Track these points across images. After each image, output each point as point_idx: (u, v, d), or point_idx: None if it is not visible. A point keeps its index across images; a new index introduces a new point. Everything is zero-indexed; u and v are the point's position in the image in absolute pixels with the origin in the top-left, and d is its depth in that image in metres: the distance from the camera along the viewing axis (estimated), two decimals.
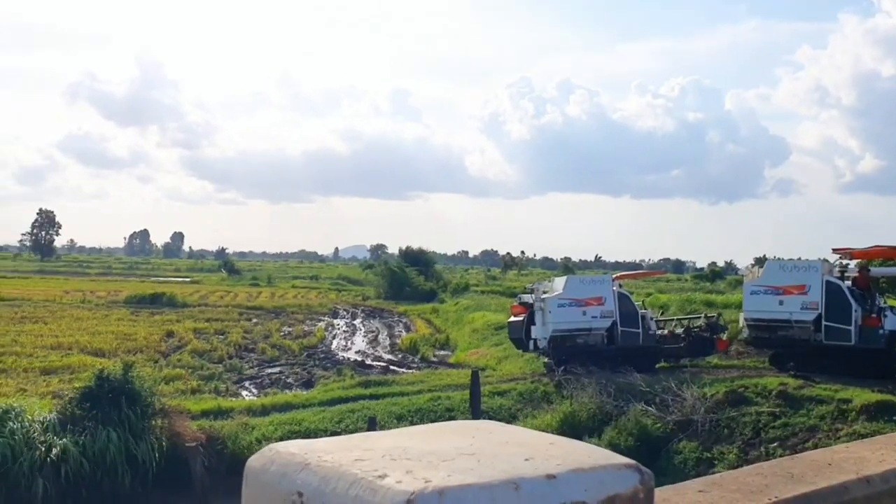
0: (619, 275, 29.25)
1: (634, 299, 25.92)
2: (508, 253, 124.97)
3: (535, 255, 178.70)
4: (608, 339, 23.75)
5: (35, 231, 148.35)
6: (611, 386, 20.40)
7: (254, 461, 1.27)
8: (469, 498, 1.01)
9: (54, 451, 15.90)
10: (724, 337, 25.15)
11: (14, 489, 15.26)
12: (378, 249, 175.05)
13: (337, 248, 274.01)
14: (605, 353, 23.16)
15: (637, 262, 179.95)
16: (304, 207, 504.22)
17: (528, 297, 24.71)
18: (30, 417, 16.51)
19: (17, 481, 15.31)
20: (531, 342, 23.85)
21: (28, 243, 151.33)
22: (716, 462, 17.06)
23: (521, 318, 24.14)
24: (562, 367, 22.40)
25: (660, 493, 1.34)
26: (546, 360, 24.45)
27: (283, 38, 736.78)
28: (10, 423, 15.91)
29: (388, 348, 34.68)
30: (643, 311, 24.94)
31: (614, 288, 24.36)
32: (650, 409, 19.34)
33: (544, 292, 24.02)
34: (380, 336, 38.83)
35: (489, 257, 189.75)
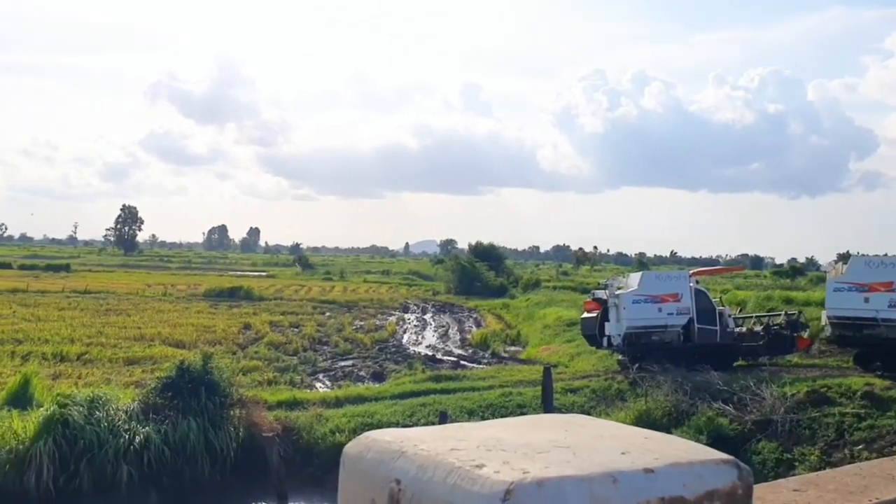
0: (695, 271, 28.60)
1: (711, 296, 25.35)
2: (581, 248, 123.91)
3: (608, 251, 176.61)
4: (684, 337, 23.29)
5: (119, 226, 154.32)
6: (687, 384, 19.99)
7: (350, 448, 1.30)
8: (568, 489, 1.01)
9: (137, 438, 16.48)
10: (806, 335, 24.37)
11: (100, 475, 15.89)
12: (448, 245, 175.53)
13: (407, 244, 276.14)
14: (681, 350, 22.72)
15: (714, 257, 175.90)
16: (375, 203, 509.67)
17: (601, 294, 24.41)
18: (115, 406, 17.15)
19: (103, 467, 15.94)
20: (605, 339, 23.56)
21: (112, 238, 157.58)
22: (797, 464, 16.55)
23: (594, 315, 23.87)
24: (636, 365, 22.07)
25: (755, 490, 1.31)
26: (620, 357, 24.14)
27: (355, 35, 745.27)
28: (97, 412, 16.59)
29: (459, 343, 34.78)
30: (721, 308, 24.37)
31: (691, 284, 23.86)
32: (727, 407, 18.89)
33: (619, 288, 23.69)
34: (450, 331, 38.97)
35: (561, 253, 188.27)
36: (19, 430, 16.22)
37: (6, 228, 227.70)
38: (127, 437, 16.43)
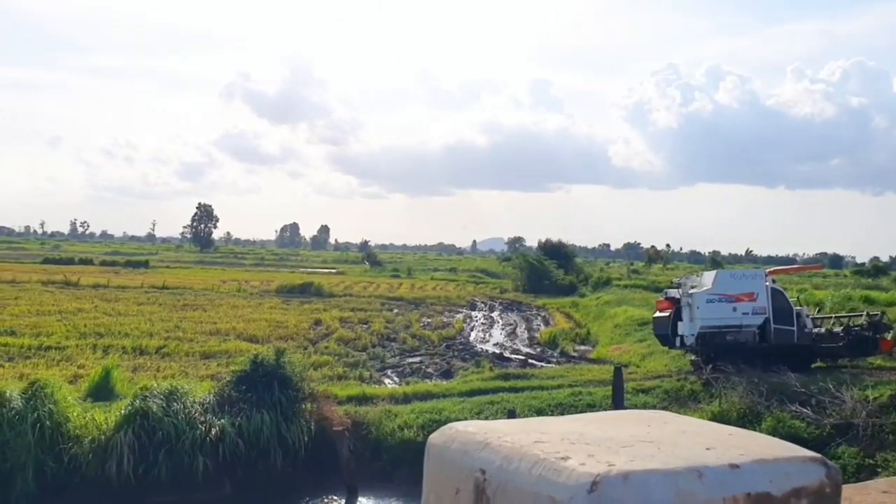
0: (772, 269, 27.83)
1: (789, 296, 24.64)
2: (653, 246, 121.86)
3: (680, 249, 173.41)
4: (760, 337, 22.72)
5: (195, 224, 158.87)
6: (762, 385, 19.50)
7: (435, 438, 1.34)
8: (653, 482, 1.02)
9: (213, 430, 16.96)
10: (889, 337, 23.45)
11: (178, 465, 16.41)
12: (516, 242, 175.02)
13: (474, 241, 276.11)
14: (757, 351, 22.16)
15: (791, 256, 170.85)
16: (443, 200, 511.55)
17: (674, 292, 23.99)
18: (191, 398, 17.68)
19: (180, 458, 16.46)
20: (677, 339, 23.16)
21: (189, 235, 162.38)
22: (879, 469, 15.97)
23: (667, 314, 23.48)
24: (710, 365, 21.64)
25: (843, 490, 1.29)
26: (693, 357, 23.68)
27: (425, 33, 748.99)
28: (175, 404, 17.13)
29: (527, 342, 34.65)
30: (798, 307, 23.68)
31: (767, 283, 23.24)
32: (805, 410, 18.34)
33: (692, 287, 23.25)
34: (518, 329, 38.86)
35: (632, 250, 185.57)
36: (101, 420, 16.88)
37: (88, 226, 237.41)
38: (203, 428, 16.92)
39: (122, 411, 16.78)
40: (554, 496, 1.03)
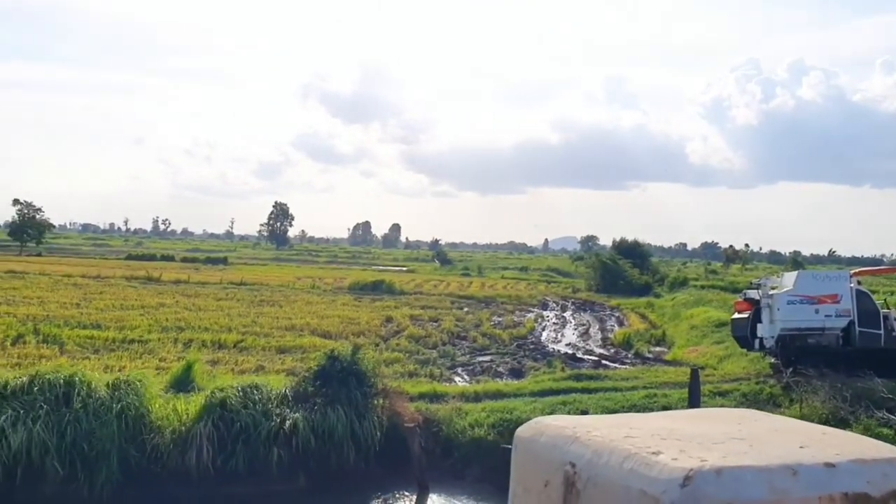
0: (857, 270, 26.86)
1: (875, 298, 23.74)
2: (731, 246, 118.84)
3: (760, 249, 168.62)
4: (844, 340, 21.98)
5: (271, 222, 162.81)
6: (846, 390, 18.85)
7: (523, 432, 1.36)
8: (747, 479, 1.02)
9: (288, 423, 17.34)
10: None
11: (254, 456, 16.85)
12: (589, 241, 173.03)
13: (546, 240, 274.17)
14: (841, 354, 21.44)
15: (877, 257, 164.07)
16: (515, 199, 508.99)
17: (753, 293, 23.41)
18: (268, 392, 18.11)
19: (256, 449, 16.89)
20: (756, 341, 22.60)
21: (265, 233, 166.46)
22: None
23: (745, 316, 22.93)
24: (790, 369, 21.03)
25: None
26: (773, 360, 23.07)
27: (497, 31, 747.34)
28: (253, 397, 17.59)
29: (600, 342, 34.27)
30: (885, 310, 22.79)
31: (851, 285, 22.46)
32: (893, 417, 17.65)
33: (772, 288, 22.65)
34: (591, 329, 38.46)
35: (709, 250, 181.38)
36: (183, 411, 17.45)
37: (170, 223, 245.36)
38: (278, 421, 17.31)
39: (202, 403, 17.30)
40: (646, 490, 1.04)
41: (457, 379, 24.77)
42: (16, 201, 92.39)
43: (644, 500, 1.04)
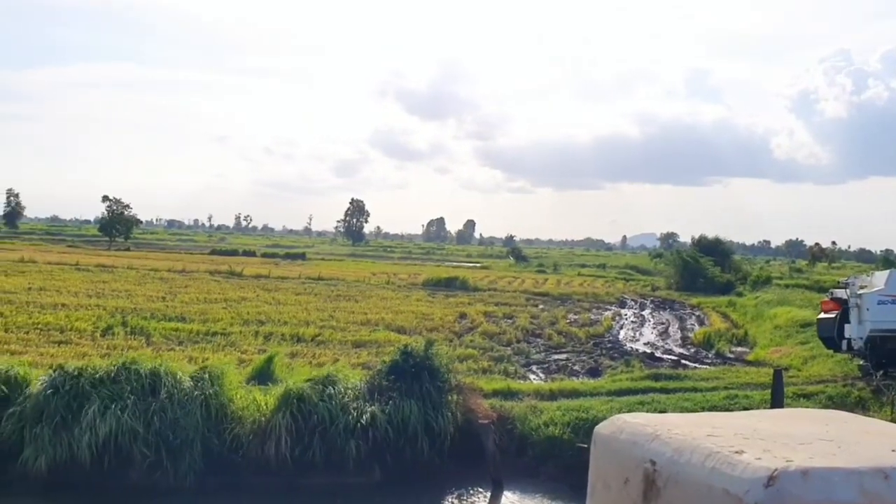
0: None
1: None
2: (817, 243, 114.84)
3: (848, 247, 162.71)
4: None
5: (348, 218, 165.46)
6: None
7: (602, 429, 1.36)
8: (836, 481, 1.00)
9: (364, 416, 17.60)
10: None
11: (331, 448, 17.16)
12: (669, 238, 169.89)
13: (624, 237, 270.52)
14: None
15: None
16: (592, 195, 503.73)
17: (841, 293, 22.59)
18: (344, 385, 18.42)
19: (333, 441, 17.20)
20: (844, 342, 21.80)
21: (342, 229, 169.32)
22: None
23: (832, 316, 22.15)
24: (881, 372, 20.21)
25: None
26: (861, 362, 22.20)
27: (574, 25, 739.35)
28: (330, 389, 17.91)
29: (679, 341, 33.59)
30: None
31: None
32: None
33: (861, 287, 21.80)
34: (670, 328, 37.74)
35: (794, 248, 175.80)
36: (262, 403, 17.92)
37: (251, 220, 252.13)
38: (355, 414, 17.58)
39: (281, 395, 17.72)
40: (728, 489, 1.03)
41: (531, 377, 24.66)
42: (105, 198, 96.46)
43: (726, 499, 1.03)
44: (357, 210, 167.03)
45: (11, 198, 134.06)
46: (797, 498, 0.99)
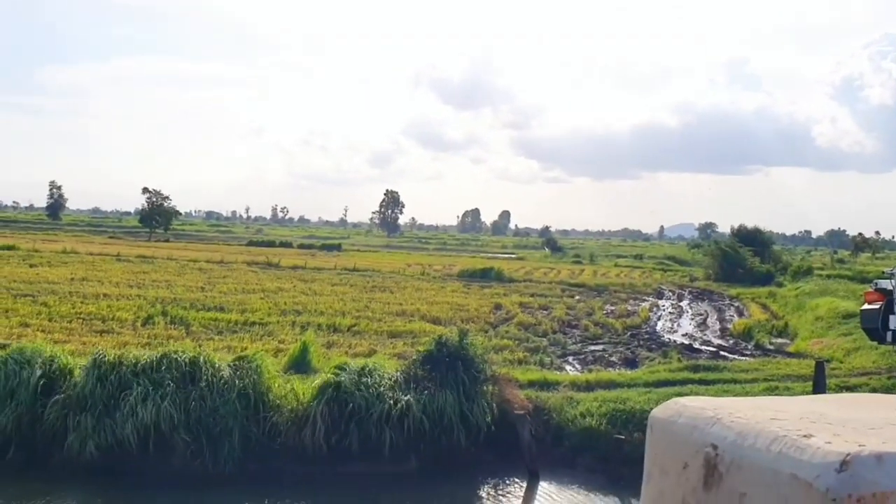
0: None
1: None
2: (860, 233, 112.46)
3: (892, 237, 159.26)
4: None
5: (383, 210, 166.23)
6: None
7: (658, 412, 1.33)
8: None
9: (399, 406, 17.67)
10: None
11: (366, 437, 17.26)
12: (707, 228, 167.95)
13: (662, 227, 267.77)
14: None
15: None
16: (629, 184, 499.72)
17: (885, 283, 22.14)
18: (380, 374, 18.50)
19: (368, 430, 17.30)
20: (889, 333, 21.35)
21: (377, 221, 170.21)
22: None
23: (876, 307, 21.71)
24: None
25: None
26: None
27: (611, 14, 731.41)
28: (366, 379, 18.01)
29: (718, 333, 33.18)
30: None
31: None
32: None
33: None
34: (709, 319, 37.31)
35: (836, 238, 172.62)
36: (300, 391, 18.08)
37: (288, 211, 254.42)
38: (390, 403, 17.66)
39: (318, 384, 17.86)
40: (797, 474, 0.99)
41: (568, 367, 24.56)
42: (145, 190, 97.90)
43: (795, 484, 0.99)
44: (392, 201, 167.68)
45: (54, 190, 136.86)
46: (871, 483, 0.95)
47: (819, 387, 18.08)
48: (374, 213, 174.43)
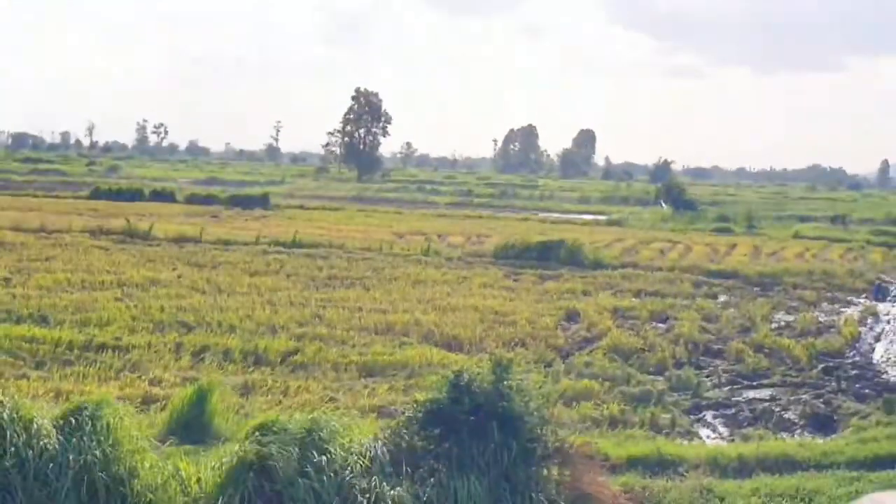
0: None
1: None
2: None
3: None
4: None
5: (349, 128, 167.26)
6: None
7: None
8: None
9: None
10: None
11: None
12: None
13: (886, 163, 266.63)
14: None
15: None
16: (825, 80, 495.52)
17: None
18: (344, 446, 18.54)
19: None
20: None
21: (338, 150, 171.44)
22: None
23: None
24: None
25: None
26: None
27: None
28: (316, 455, 18.01)
29: None
30: None
31: None
32: None
33: None
34: None
35: None
36: (190, 478, 18.12)
37: (166, 132, 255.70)
38: (364, 501, 17.72)
39: (228, 465, 17.90)
40: None
41: (703, 432, 24.72)
42: None
43: None
44: (367, 111, 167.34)
45: None
46: None
47: None
48: (332, 134, 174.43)
